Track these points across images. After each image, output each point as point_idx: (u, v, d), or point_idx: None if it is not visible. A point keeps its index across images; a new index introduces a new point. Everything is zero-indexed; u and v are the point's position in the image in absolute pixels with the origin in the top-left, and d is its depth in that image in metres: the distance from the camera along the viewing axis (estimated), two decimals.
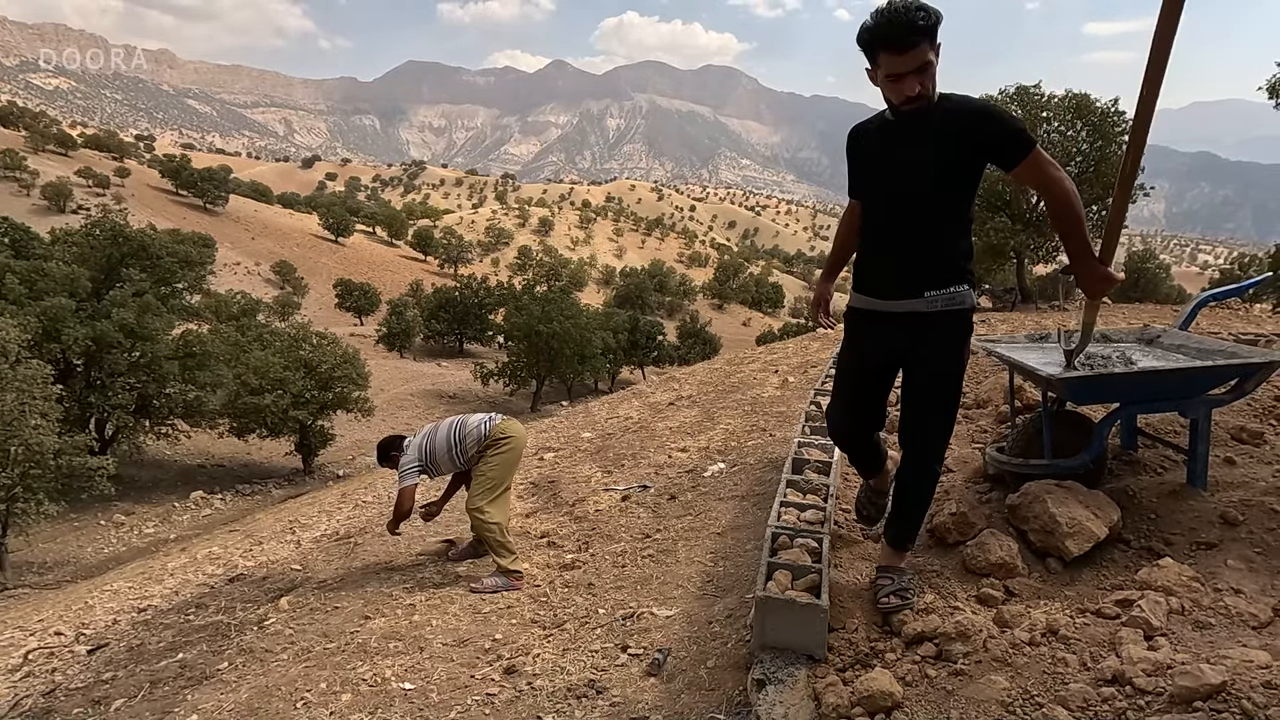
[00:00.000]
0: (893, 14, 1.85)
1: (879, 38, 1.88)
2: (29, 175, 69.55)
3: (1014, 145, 1.92)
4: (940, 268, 2.03)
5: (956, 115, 1.94)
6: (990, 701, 1.67)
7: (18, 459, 11.91)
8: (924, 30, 1.84)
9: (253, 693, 2.67)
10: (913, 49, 1.85)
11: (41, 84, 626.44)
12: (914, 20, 1.83)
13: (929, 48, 1.87)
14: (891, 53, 1.87)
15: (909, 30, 1.83)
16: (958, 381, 2.11)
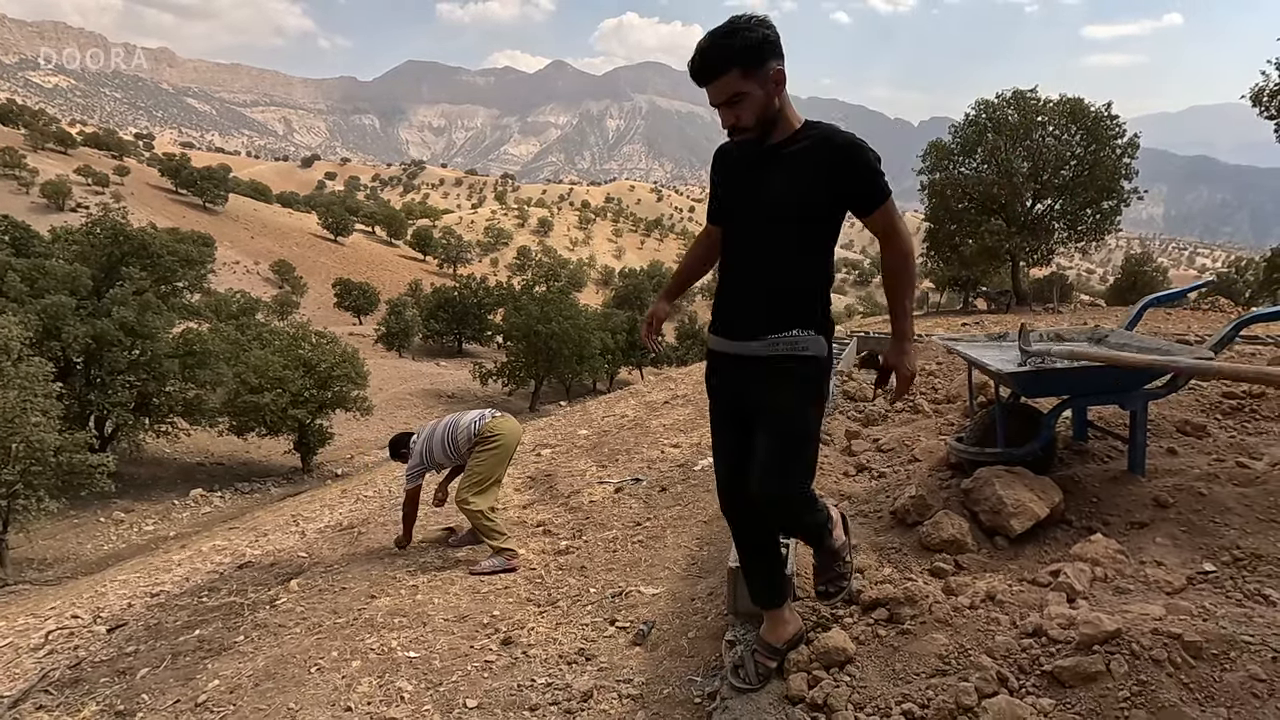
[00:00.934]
0: (701, 43, 1.76)
1: (689, 69, 1.80)
2: (28, 173, 69.68)
3: (871, 191, 1.79)
4: (785, 309, 1.85)
5: (817, 147, 1.80)
6: (930, 655, 1.89)
7: (19, 456, 12.08)
8: (730, 58, 1.72)
9: (269, 661, 2.89)
10: (717, 79, 1.75)
11: (41, 82, 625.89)
12: (718, 47, 1.73)
13: (741, 76, 1.73)
14: (700, 84, 1.79)
15: (711, 58, 1.74)
16: (801, 441, 1.87)
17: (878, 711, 1.77)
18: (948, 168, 21.17)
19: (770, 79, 1.76)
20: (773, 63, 1.76)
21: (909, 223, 10.23)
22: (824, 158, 1.79)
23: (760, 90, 1.76)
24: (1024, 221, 20.55)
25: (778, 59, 1.77)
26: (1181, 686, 1.55)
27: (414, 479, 4.03)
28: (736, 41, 1.72)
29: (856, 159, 1.77)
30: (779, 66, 1.77)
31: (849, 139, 1.80)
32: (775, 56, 1.76)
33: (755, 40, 1.72)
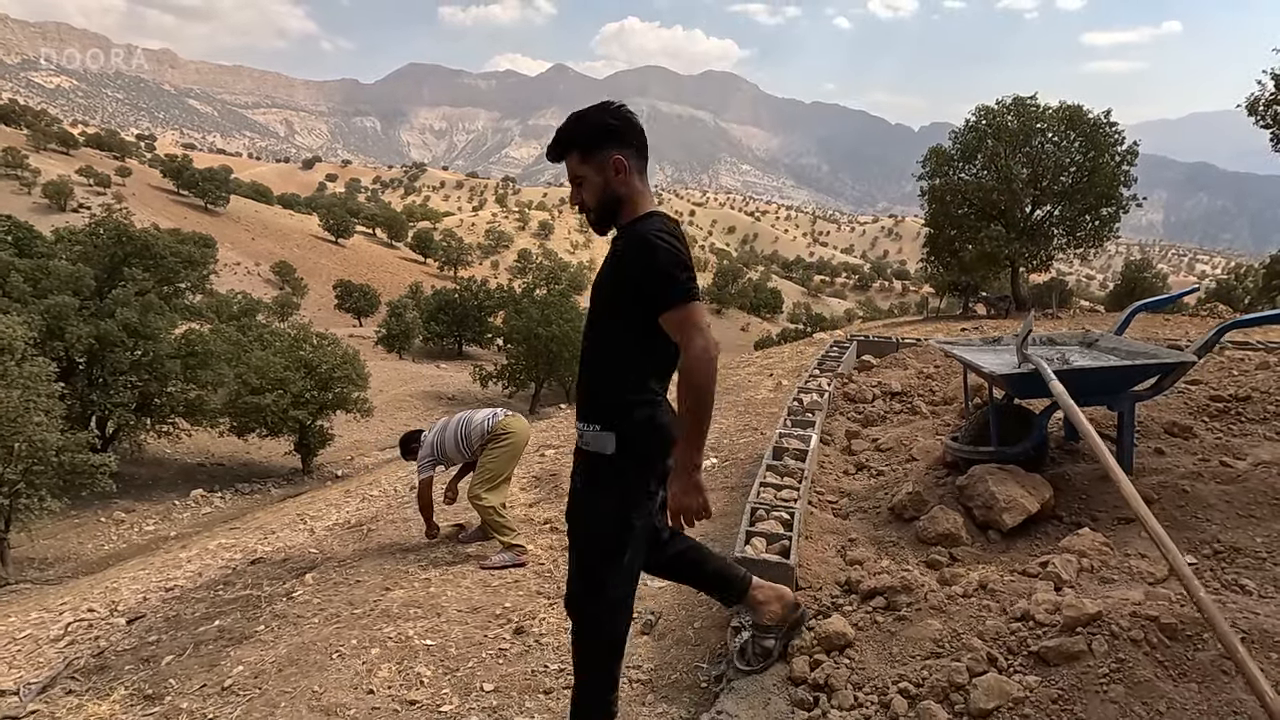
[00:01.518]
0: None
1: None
2: (30, 174, 69.83)
3: (658, 292, 1.70)
4: (596, 402, 1.83)
5: (627, 242, 1.79)
6: (925, 639, 2.01)
7: (21, 455, 12.16)
8: (570, 141, 1.81)
9: (290, 648, 3.01)
10: (561, 159, 1.83)
11: (43, 82, 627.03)
12: (564, 130, 1.82)
13: (579, 159, 1.80)
14: (551, 161, 1.88)
15: (557, 139, 1.83)
16: (598, 542, 1.82)
17: (875, 690, 1.89)
18: (948, 173, 21.33)
19: (609, 166, 1.79)
20: (612, 150, 1.79)
21: (909, 228, 10.37)
22: (627, 254, 1.78)
23: (598, 176, 1.80)
24: (1023, 227, 20.70)
25: (620, 147, 1.80)
26: (1157, 664, 1.67)
27: (425, 470, 4.14)
28: (580, 126, 1.80)
29: (647, 258, 1.71)
30: (619, 155, 1.79)
31: (645, 237, 1.74)
32: (616, 144, 1.79)
33: (596, 127, 1.79)
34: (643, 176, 1.86)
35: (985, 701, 1.68)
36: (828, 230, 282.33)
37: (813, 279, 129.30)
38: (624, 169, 1.80)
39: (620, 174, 1.80)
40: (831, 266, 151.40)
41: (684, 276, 1.71)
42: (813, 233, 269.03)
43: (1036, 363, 2.54)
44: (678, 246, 1.73)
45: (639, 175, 1.84)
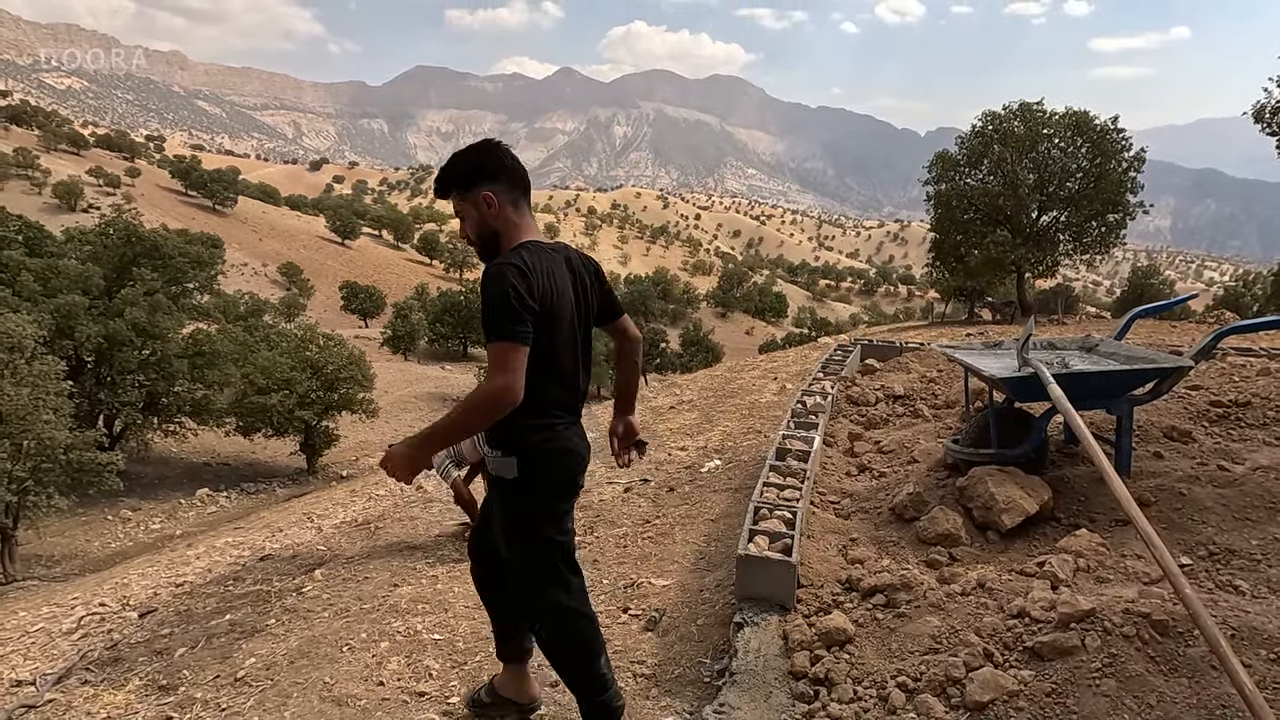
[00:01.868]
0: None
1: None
2: (41, 174, 70.40)
3: (486, 324, 1.77)
4: (499, 427, 1.86)
5: (483, 274, 1.88)
6: (923, 636, 2.05)
7: (30, 453, 12.26)
8: (446, 182, 1.92)
9: (302, 641, 3.07)
10: (445, 198, 1.96)
11: (54, 83, 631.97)
12: (441, 171, 1.94)
13: (459, 197, 1.92)
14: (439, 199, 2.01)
15: (437, 180, 1.95)
16: (511, 559, 1.99)
17: (875, 685, 1.94)
18: (954, 179, 21.35)
19: (481, 202, 1.89)
20: (482, 187, 1.89)
21: (915, 232, 10.41)
22: (480, 287, 1.86)
23: (475, 211, 1.91)
24: (1029, 233, 20.71)
25: (491, 184, 1.89)
26: (1149, 659, 1.71)
27: (448, 471, 4.09)
28: (455, 166, 1.91)
29: (485, 293, 1.79)
30: (488, 191, 1.88)
31: (489, 272, 1.82)
32: (487, 181, 1.89)
33: (469, 166, 1.90)
34: (518, 208, 1.94)
35: (981, 694, 1.73)
36: (833, 235, 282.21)
37: (818, 283, 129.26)
38: (494, 204, 1.89)
39: (492, 209, 1.89)
40: (837, 271, 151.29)
41: (506, 314, 1.74)
42: (818, 237, 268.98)
43: (1036, 367, 2.58)
44: (515, 283, 1.76)
45: (512, 208, 1.92)
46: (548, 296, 1.83)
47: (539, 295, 1.80)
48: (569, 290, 1.93)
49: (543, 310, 1.81)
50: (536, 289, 1.80)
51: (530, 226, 1.95)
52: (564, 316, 1.89)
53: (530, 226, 1.95)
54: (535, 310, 1.78)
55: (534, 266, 1.81)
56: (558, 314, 1.86)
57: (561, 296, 1.88)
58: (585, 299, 2.01)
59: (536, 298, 1.79)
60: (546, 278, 1.84)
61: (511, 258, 1.82)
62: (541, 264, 1.85)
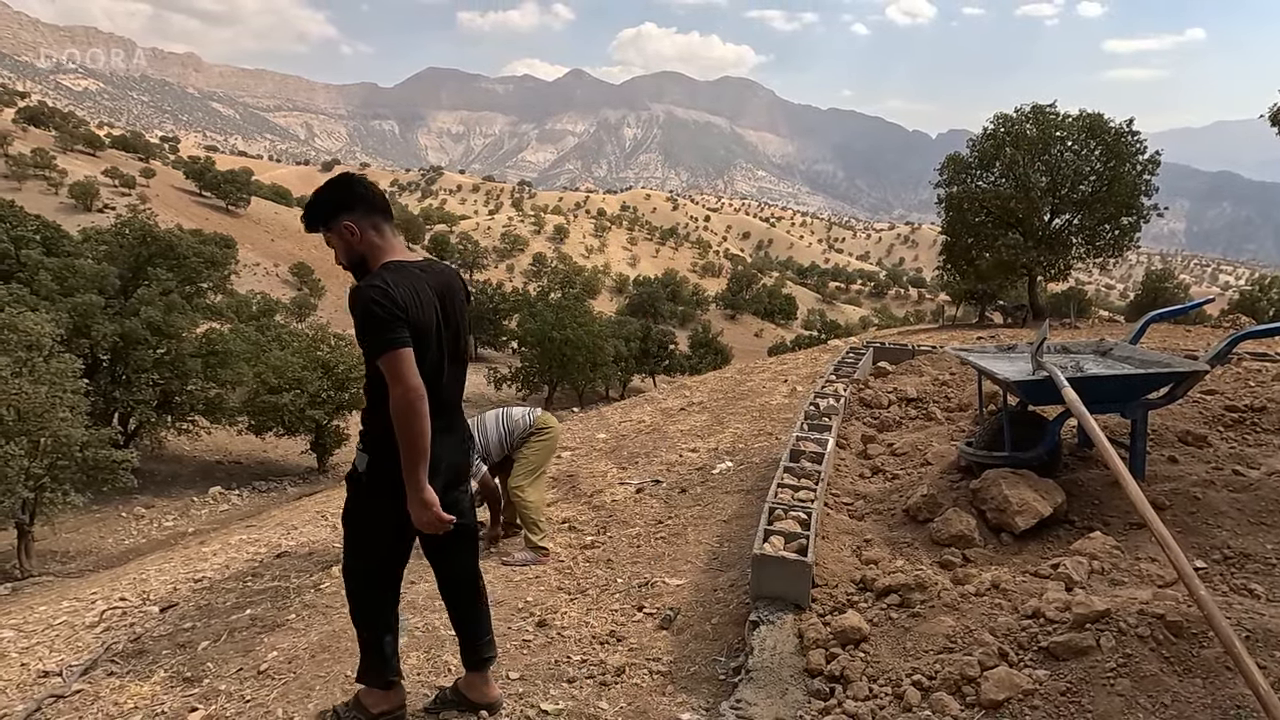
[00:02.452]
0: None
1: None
2: (58, 174, 71.25)
3: (365, 342, 1.93)
4: (363, 430, 2.10)
5: (350, 294, 2.04)
6: (938, 635, 2.08)
7: (46, 450, 12.44)
8: (310, 218, 2.09)
9: (322, 636, 3.12)
10: (315, 231, 2.13)
11: (71, 85, 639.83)
12: (305, 207, 2.11)
13: (324, 231, 2.09)
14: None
15: (303, 218, 2.11)
16: (352, 532, 2.26)
17: (890, 682, 1.96)
18: (965, 181, 21.26)
19: (344, 232, 2.04)
20: (342, 218, 2.03)
21: (926, 235, 10.41)
22: (351, 307, 2.00)
23: (340, 241, 2.06)
24: (1041, 236, 20.59)
25: (349, 213, 2.03)
26: (1163, 660, 1.73)
27: (478, 469, 4.06)
28: (315, 203, 2.07)
29: (357, 313, 1.95)
30: (349, 221, 2.03)
31: (355, 292, 1.97)
32: (345, 212, 2.04)
33: (326, 202, 2.05)
34: (380, 232, 2.08)
35: (996, 693, 1.75)
36: (843, 237, 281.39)
37: (827, 285, 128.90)
38: (356, 232, 2.04)
39: (354, 236, 2.04)
40: (846, 273, 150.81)
41: (379, 326, 1.89)
42: (828, 239, 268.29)
43: (1050, 370, 2.60)
44: (378, 298, 1.90)
45: (374, 232, 2.06)
46: (411, 310, 1.95)
47: (403, 306, 1.93)
48: (433, 305, 2.04)
49: (407, 322, 1.94)
50: (400, 301, 1.93)
51: (395, 247, 2.10)
52: (428, 330, 2.01)
53: (395, 247, 2.10)
54: (403, 318, 1.92)
55: (395, 283, 1.96)
56: (422, 327, 1.98)
57: (425, 310, 2.00)
58: (454, 313, 2.14)
59: (401, 308, 1.93)
60: (409, 293, 1.97)
61: (374, 279, 1.97)
62: (403, 280, 1.98)
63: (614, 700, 2.40)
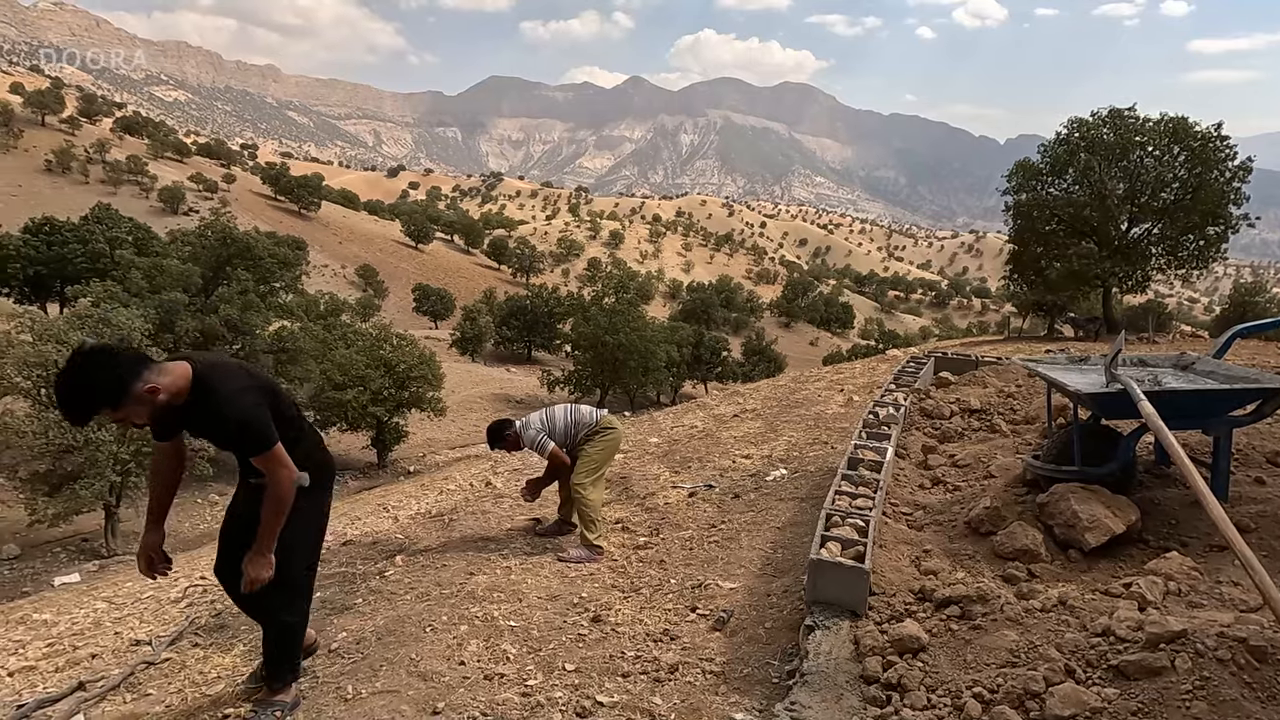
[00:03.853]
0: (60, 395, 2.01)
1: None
2: (149, 179, 76.10)
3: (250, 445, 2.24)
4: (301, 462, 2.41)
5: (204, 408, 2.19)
6: (1000, 649, 2.04)
7: (133, 437, 13.29)
8: (91, 409, 1.99)
9: (387, 620, 3.27)
10: (89, 420, 2.10)
11: (163, 96, 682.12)
12: (72, 408, 1.98)
13: (113, 412, 2.02)
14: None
15: (73, 416, 2.00)
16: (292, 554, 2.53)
17: (949, 694, 1.94)
18: (1035, 188, 20.49)
19: (145, 397, 2.04)
20: (136, 387, 2.01)
21: (991, 244, 10.16)
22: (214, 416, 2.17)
23: (139, 405, 2.04)
24: (1118, 245, 19.64)
25: (135, 379, 2.00)
26: (1244, 685, 1.66)
27: (545, 443, 4.19)
28: (92, 396, 1.97)
29: (231, 420, 2.15)
30: (144, 386, 2.02)
31: (221, 401, 2.14)
32: (133, 381, 2.00)
33: (107, 389, 1.96)
34: (157, 365, 2.10)
35: (1062, 709, 1.71)
36: (903, 245, 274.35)
37: (886, 294, 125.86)
38: (155, 386, 2.05)
39: (157, 390, 2.06)
40: (907, 282, 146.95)
41: (259, 430, 2.20)
42: (888, 247, 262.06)
43: (1125, 383, 2.51)
44: (254, 401, 2.20)
45: (156, 368, 2.08)
46: (261, 383, 2.28)
47: (263, 389, 2.26)
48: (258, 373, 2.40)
49: (267, 392, 2.28)
50: (263, 387, 2.27)
51: (171, 362, 2.15)
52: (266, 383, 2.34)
53: (171, 362, 2.15)
54: (267, 405, 2.22)
55: (252, 372, 2.29)
56: (270, 385, 2.33)
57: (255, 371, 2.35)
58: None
59: (266, 394, 2.26)
60: (247, 374, 2.26)
61: (230, 381, 2.18)
62: (240, 367, 2.29)
63: (668, 696, 2.43)
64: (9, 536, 13.31)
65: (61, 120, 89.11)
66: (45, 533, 13.14)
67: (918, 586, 2.47)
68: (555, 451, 4.22)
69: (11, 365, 12.17)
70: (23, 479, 12.44)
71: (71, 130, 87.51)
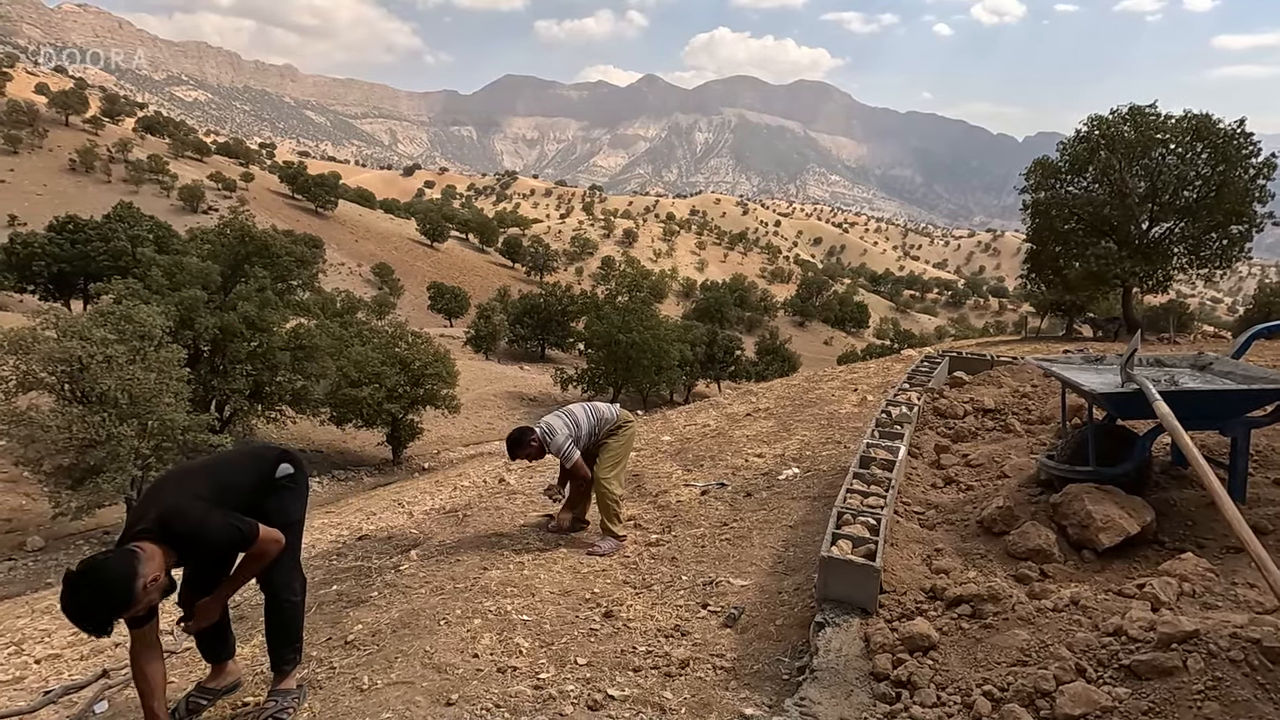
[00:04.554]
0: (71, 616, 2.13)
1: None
2: (170, 178, 77.19)
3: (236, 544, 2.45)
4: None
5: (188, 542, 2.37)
6: (1011, 648, 2.04)
7: (153, 432, 13.47)
8: (108, 621, 2.12)
9: (402, 613, 3.31)
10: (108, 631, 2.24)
11: (183, 96, 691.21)
12: (89, 624, 2.12)
13: (130, 617, 2.23)
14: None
15: (92, 631, 2.13)
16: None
17: (959, 691, 1.94)
18: (1054, 186, 20.24)
19: (150, 586, 2.18)
20: (138, 587, 2.13)
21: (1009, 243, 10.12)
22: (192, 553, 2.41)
23: (150, 595, 2.20)
24: (1138, 245, 19.36)
25: (139, 578, 2.14)
26: (1257, 686, 1.65)
27: (572, 451, 4.12)
28: (107, 611, 2.10)
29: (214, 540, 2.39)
30: (145, 581, 2.15)
31: (207, 528, 2.36)
32: (136, 582, 2.13)
33: (118, 604, 2.11)
34: (139, 555, 2.20)
35: (1072, 708, 1.71)
36: (919, 244, 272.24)
37: (902, 294, 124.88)
38: (156, 579, 2.21)
39: (158, 579, 2.23)
40: (922, 281, 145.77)
41: (239, 531, 2.41)
42: (903, 246, 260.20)
43: (1141, 383, 2.49)
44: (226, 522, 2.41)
45: (143, 562, 2.18)
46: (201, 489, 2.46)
47: (211, 493, 2.45)
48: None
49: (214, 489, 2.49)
50: (210, 493, 2.45)
51: (138, 545, 2.25)
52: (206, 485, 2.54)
53: (138, 545, 2.25)
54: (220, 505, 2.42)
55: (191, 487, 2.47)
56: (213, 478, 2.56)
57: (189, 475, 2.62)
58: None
59: (214, 492, 2.45)
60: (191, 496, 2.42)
61: (187, 518, 2.32)
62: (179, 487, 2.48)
63: (678, 691, 2.45)
64: (34, 529, 13.57)
65: (85, 120, 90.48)
66: (68, 526, 13.36)
67: (929, 585, 2.47)
68: (579, 463, 4.15)
69: (37, 361, 12.40)
70: (47, 472, 12.65)
71: (95, 130, 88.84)
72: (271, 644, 2.71)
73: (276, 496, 2.67)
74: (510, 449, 4.13)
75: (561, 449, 4.07)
